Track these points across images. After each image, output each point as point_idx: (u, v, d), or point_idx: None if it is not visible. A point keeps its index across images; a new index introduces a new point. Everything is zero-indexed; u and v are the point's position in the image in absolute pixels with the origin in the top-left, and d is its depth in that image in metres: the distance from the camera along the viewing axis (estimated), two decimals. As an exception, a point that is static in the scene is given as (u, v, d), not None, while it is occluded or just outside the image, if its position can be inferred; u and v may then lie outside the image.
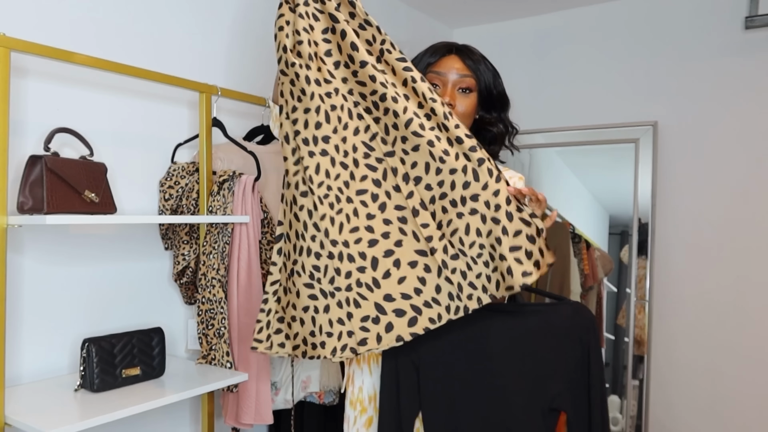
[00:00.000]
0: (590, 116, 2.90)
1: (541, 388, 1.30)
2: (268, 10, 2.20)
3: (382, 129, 1.31)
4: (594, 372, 1.32)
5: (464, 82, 1.42)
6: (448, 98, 1.40)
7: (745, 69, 2.55)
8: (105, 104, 1.69)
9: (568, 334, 1.32)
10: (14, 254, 1.48)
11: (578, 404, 1.31)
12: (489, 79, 1.46)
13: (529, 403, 1.30)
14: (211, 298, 1.71)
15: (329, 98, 1.30)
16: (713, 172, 2.61)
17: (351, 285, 1.27)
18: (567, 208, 2.95)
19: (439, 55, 1.44)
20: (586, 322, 1.34)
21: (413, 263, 1.27)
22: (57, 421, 1.24)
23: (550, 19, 3.03)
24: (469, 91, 1.43)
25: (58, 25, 1.58)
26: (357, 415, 1.46)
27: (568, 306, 1.38)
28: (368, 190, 1.29)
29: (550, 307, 1.38)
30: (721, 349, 2.57)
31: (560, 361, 1.32)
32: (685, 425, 2.65)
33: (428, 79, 1.42)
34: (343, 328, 1.27)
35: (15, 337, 1.49)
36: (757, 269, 2.50)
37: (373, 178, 1.29)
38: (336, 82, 1.32)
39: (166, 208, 1.78)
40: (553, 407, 1.30)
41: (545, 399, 1.30)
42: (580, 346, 1.32)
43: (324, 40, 1.33)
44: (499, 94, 1.49)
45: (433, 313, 1.26)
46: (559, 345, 1.32)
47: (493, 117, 1.50)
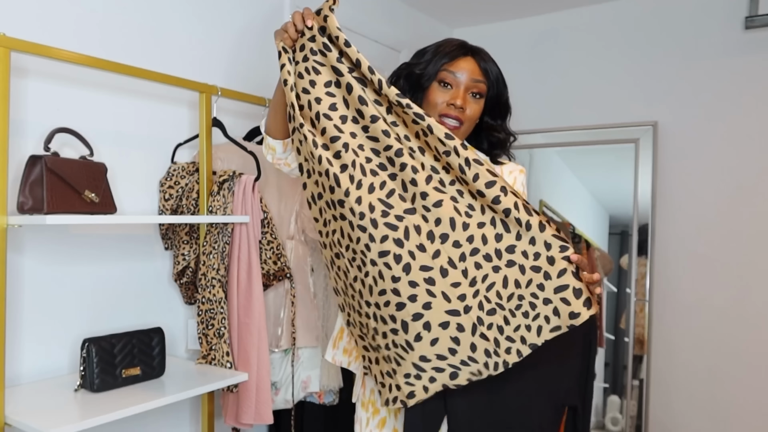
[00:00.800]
0: (590, 116, 2.90)
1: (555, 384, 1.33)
2: (268, 10, 2.20)
3: (400, 186, 1.24)
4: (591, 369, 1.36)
5: (477, 86, 1.42)
6: (461, 101, 1.39)
7: (745, 69, 2.55)
8: (105, 104, 1.69)
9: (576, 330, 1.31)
10: (14, 254, 1.49)
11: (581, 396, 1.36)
12: (499, 87, 1.45)
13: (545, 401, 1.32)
14: (211, 298, 1.71)
15: (338, 159, 1.24)
16: (713, 172, 2.61)
17: (389, 344, 1.25)
18: (567, 208, 2.95)
19: (455, 56, 1.42)
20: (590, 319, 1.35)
21: (445, 324, 1.22)
22: (57, 421, 1.25)
23: (550, 19, 3.03)
24: (480, 97, 1.43)
25: (58, 25, 1.58)
26: (370, 417, 1.46)
27: None
28: (390, 251, 1.20)
29: None
30: (721, 349, 2.57)
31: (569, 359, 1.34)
32: (685, 425, 2.65)
33: (441, 77, 1.41)
34: (392, 381, 1.28)
35: (15, 337, 1.49)
36: (757, 269, 2.50)
37: (394, 237, 1.21)
38: (345, 137, 1.25)
39: (166, 208, 1.78)
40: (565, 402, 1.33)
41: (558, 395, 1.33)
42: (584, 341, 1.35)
43: (327, 94, 1.28)
44: (505, 102, 1.49)
45: (473, 369, 1.24)
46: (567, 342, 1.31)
47: (498, 124, 1.49)
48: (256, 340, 1.71)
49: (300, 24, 1.30)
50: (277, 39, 1.33)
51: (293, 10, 2.27)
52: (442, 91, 1.41)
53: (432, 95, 1.42)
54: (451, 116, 1.40)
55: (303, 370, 1.92)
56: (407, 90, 1.46)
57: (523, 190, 1.47)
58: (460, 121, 1.40)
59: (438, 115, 1.41)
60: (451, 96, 1.40)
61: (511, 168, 1.49)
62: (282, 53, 1.31)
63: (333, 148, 1.25)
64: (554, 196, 2.98)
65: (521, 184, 1.47)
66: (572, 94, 2.96)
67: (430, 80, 1.42)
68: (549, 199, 2.98)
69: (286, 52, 1.31)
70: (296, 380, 1.90)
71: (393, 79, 1.50)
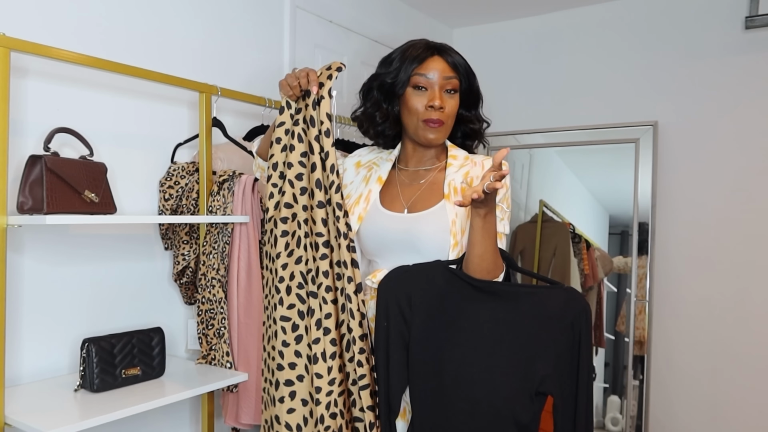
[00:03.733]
0: (590, 116, 2.90)
1: (529, 370, 1.30)
2: (268, 10, 2.20)
3: (316, 270, 1.37)
4: (583, 357, 1.31)
5: (450, 83, 1.44)
6: (439, 102, 1.41)
7: (745, 69, 2.55)
8: (105, 104, 1.69)
9: (560, 317, 1.32)
10: (14, 254, 1.48)
11: (565, 389, 1.31)
12: (469, 78, 1.49)
13: (517, 384, 1.29)
14: (211, 298, 1.71)
15: (284, 224, 1.39)
16: (713, 172, 2.61)
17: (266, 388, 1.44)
18: (567, 208, 2.95)
19: (422, 58, 1.44)
20: (579, 308, 1.33)
21: (304, 401, 1.36)
22: (57, 421, 1.24)
23: (550, 19, 3.03)
24: (454, 92, 1.46)
25: (58, 25, 1.58)
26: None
27: (562, 290, 1.37)
28: (291, 319, 1.37)
29: (544, 290, 1.37)
30: (721, 349, 2.57)
31: (550, 345, 1.31)
32: (685, 425, 2.65)
33: (414, 82, 1.44)
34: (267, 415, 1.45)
35: (15, 337, 1.49)
36: (757, 269, 2.50)
37: (299, 309, 1.37)
38: (296, 208, 1.39)
39: (166, 208, 1.77)
40: (541, 390, 1.30)
41: (533, 381, 1.29)
42: (571, 330, 1.31)
43: (299, 164, 1.40)
44: (476, 91, 1.52)
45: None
46: (551, 328, 1.31)
47: (472, 114, 1.53)
48: (256, 340, 1.71)
49: (305, 86, 1.39)
50: (282, 92, 1.42)
51: (293, 10, 2.28)
52: (418, 95, 1.44)
53: (409, 101, 1.44)
54: (433, 120, 1.43)
55: (303, 370, 1.92)
56: (382, 100, 1.49)
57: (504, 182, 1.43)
58: (441, 122, 1.44)
59: (420, 122, 1.44)
60: (428, 98, 1.42)
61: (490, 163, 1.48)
62: (285, 109, 1.42)
63: (284, 213, 1.39)
64: (554, 196, 2.97)
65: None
66: (572, 94, 2.96)
67: (404, 87, 1.44)
68: (549, 199, 2.98)
69: (289, 107, 1.42)
70: (296, 380, 1.90)
71: (364, 90, 1.54)
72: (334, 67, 1.40)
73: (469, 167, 1.48)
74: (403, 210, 1.47)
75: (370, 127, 1.54)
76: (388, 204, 1.49)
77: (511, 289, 1.35)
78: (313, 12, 2.39)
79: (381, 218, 1.46)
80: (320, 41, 2.44)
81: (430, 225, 1.41)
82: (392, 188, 1.52)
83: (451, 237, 1.39)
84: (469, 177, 1.45)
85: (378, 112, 1.50)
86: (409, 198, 1.49)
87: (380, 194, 1.51)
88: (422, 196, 1.48)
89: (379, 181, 1.52)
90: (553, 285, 1.39)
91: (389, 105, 1.49)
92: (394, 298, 1.35)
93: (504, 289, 1.35)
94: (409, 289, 1.36)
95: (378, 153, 1.60)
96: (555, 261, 2.91)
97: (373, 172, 1.55)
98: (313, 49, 2.42)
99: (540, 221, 2.98)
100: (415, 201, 1.47)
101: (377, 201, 1.49)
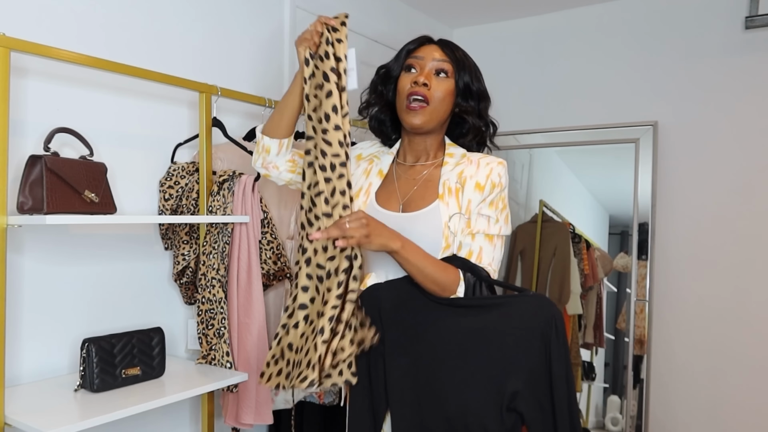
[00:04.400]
0: (590, 116, 2.90)
1: (500, 384, 1.25)
2: (268, 10, 2.20)
3: (329, 191, 1.35)
4: (556, 372, 1.23)
5: (441, 65, 1.44)
6: (424, 78, 1.41)
7: (745, 69, 2.55)
8: (105, 104, 1.69)
9: (529, 328, 1.26)
10: (14, 254, 1.48)
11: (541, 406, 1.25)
12: (467, 69, 1.47)
13: (487, 398, 1.25)
14: (211, 298, 1.71)
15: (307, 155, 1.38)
16: (713, 172, 2.61)
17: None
18: (567, 208, 2.95)
19: (419, 43, 1.49)
20: (548, 315, 1.26)
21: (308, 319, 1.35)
22: (57, 421, 1.24)
23: (550, 19, 3.03)
24: (445, 75, 1.44)
25: (58, 24, 1.58)
26: None
27: (530, 298, 1.32)
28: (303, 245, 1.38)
29: (511, 300, 1.33)
30: (721, 349, 2.57)
31: (520, 358, 1.25)
32: (685, 425, 2.65)
33: (407, 63, 1.47)
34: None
35: (15, 337, 1.49)
36: (757, 269, 2.50)
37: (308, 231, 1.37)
38: (317, 138, 1.37)
39: (166, 208, 1.77)
40: (511, 407, 1.24)
41: (503, 396, 1.24)
42: (541, 341, 1.25)
43: (314, 96, 1.38)
44: (479, 90, 1.49)
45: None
46: (520, 340, 1.26)
47: (471, 106, 1.48)
48: (256, 340, 1.71)
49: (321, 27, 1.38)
50: (302, 46, 1.40)
51: (293, 10, 2.28)
52: (409, 75, 1.46)
53: (401, 82, 1.47)
54: (416, 94, 1.42)
55: (303, 370, 1.92)
56: (379, 84, 1.53)
57: (498, 180, 1.43)
58: (425, 98, 1.42)
59: (405, 98, 1.44)
60: (415, 77, 1.44)
61: (489, 160, 1.46)
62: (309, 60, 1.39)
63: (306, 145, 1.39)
64: (554, 196, 2.97)
65: (497, 174, 1.43)
66: (572, 94, 2.96)
67: (398, 70, 1.48)
68: (549, 199, 2.98)
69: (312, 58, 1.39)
70: (296, 380, 1.90)
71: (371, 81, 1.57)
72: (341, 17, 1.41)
73: (464, 166, 1.45)
74: (398, 208, 1.46)
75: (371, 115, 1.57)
76: (384, 201, 1.48)
77: (475, 303, 1.33)
78: (313, 12, 2.39)
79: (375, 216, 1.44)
80: (320, 41, 2.44)
81: (422, 226, 1.40)
82: (390, 183, 1.51)
83: (443, 240, 1.38)
84: (462, 176, 1.43)
85: (374, 95, 1.53)
86: (405, 194, 1.48)
87: (378, 189, 1.50)
88: (417, 194, 1.46)
89: (379, 174, 1.51)
90: (520, 293, 1.36)
91: (384, 88, 1.52)
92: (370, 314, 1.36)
93: (468, 303, 1.32)
94: (381, 304, 1.36)
95: (379, 148, 1.60)
96: (555, 261, 2.91)
97: (374, 165, 1.54)
98: (313, 49, 2.42)
99: (540, 221, 2.97)
100: (411, 198, 1.46)
101: (373, 198, 1.48)
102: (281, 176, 1.54)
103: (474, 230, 1.39)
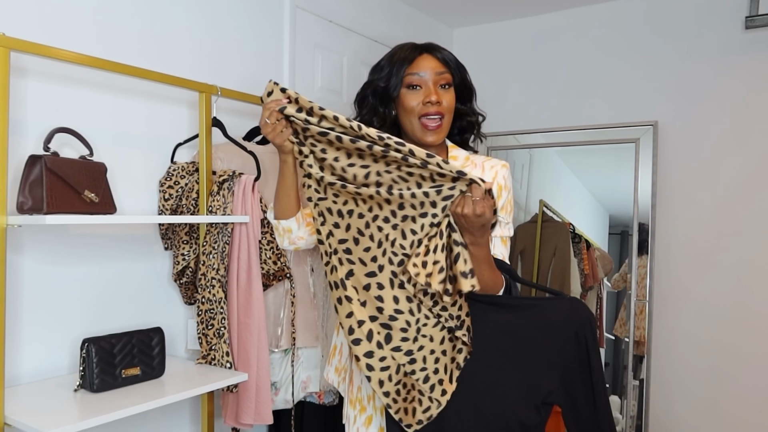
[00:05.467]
0: (590, 116, 2.90)
1: (535, 380, 1.30)
2: (268, 9, 2.20)
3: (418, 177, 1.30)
4: (594, 366, 1.30)
5: (443, 78, 1.46)
6: (435, 97, 1.42)
7: (745, 69, 2.55)
8: (105, 104, 1.69)
9: (564, 328, 1.31)
10: (14, 254, 1.48)
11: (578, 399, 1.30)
12: (461, 72, 1.50)
13: (523, 395, 1.29)
14: (211, 298, 1.71)
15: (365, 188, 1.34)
16: (713, 172, 2.61)
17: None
18: (567, 208, 2.95)
19: (412, 58, 1.46)
20: (584, 317, 1.32)
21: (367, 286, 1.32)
22: (57, 421, 1.24)
23: (550, 19, 3.03)
24: (449, 86, 1.47)
25: (58, 25, 1.58)
26: (357, 414, 1.46)
27: (565, 301, 1.36)
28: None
29: (546, 302, 1.37)
30: (721, 349, 2.57)
31: (555, 357, 1.31)
32: (685, 425, 2.65)
33: (407, 82, 1.44)
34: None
35: (15, 337, 1.49)
36: (757, 269, 2.50)
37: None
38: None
39: (166, 208, 1.77)
40: (547, 401, 1.30)
41: (539, 392, 1.30)
42: (576, 342, 1.30)
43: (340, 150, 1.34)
44: (469, 85, 1.53)
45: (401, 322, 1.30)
46: (555, 339, 1.31)
47: (467, 107, 1.54)
48: (256, 340, 1.71)
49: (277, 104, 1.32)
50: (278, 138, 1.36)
51: (293, 10, 2.28)
52: (413, 93, 1.44)
53: (405, 101, 1.45)
54: (431, 114, 1.43)
55: (303, 370, 1.92)
56: (377, 105, 1.49)
57: (504, 183, 1.47)
58: (440, 115, 1.44)
59: (418, 121, 1.44)
60: (423, 95, 1.43)
61: (493, 163, 1.50)
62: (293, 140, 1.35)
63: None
64: (554, 196, 2.98)
65: (503, 177, 1.48)
66: (572, 94, 2.96)
67: (398, 88, 1.45)
68: (549, 199, 2.98)
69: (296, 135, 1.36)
70: (296, 380, 1.90)
71: (359, 99, 1.54)
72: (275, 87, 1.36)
73: (470, 169, 1.48)
74: None
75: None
76: None
77: (513, 302, 1.36)
78: (313, 12, 2.39)
79: None
80: (320, 41, 2.44)
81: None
82: None
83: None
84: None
85: (375, 117, 1.50)
86: None
87: None
88: None
89: None
90: (556, 296, 1.39)
91: (385, 109, 1.49)
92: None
93: (506, 302, 1.36)
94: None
95: None
96: (555, 261, 2.91)
97: None
98: (313, 49, 2.42)
99: (540, 221, 2.97)
100: None
101: None
102: (309, 241, 1.53)
103: (493, 235, 1.43)
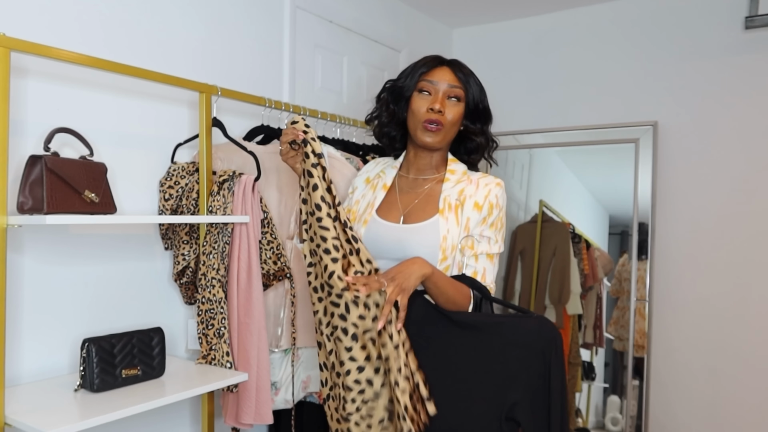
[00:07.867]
0: (590, 116, 2.90)
1: (500, 396, 1.34)
2: (268, 10, 2.20)
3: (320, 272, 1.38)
4: (554, 385, 1.34)
5: (454, 91, 1.52)
6: (439, 106, 1.49)
7: (745, 69, 2.55)
8: (105, 104, 1.69)
9: (530, 346, 1.36)
10: (14, 254, 1.48)
11: (536, 416, 1.35)
12: (477, 93, 1.55)
13: (487, 410, 1.34)
14: (211, 298, 1.71)
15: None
16: (713, 172, 2.61)
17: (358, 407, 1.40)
18: (567, 208, 2.95)
19: (431, 66, 1.54)
20: (550, 336, 1.37)
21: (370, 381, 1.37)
22: (57, 421, 1.24)
23: (550, 19, 3.03)
24: (457, 100, 1.53)
25: (58, 24, 1.58)
26: None
27: (533, 319, 1.42)
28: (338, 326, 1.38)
29: (515, 319, 1.43)
30: (721, 349, 2.57)
31: (521, 372, 1.35)
32: (685, 425, 2.65)
33: (420, 86, 1.53)
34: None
35: (15, 337, 1.49)
36: (757, 269, 2.50)
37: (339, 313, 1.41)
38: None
39: (166, 208, 1.77)
40: (509, 416, 1.34)
41: (503, 407, 1.34)
42: (542, 359, 1.35)
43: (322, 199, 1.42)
44: (485, 109, 1.58)
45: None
46: (521, 356, 1.36)
47: (477, 128, 1.58)
48: (256, 340, 1.71)
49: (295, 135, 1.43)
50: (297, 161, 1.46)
51: (293, 10, 2.28)
52: (422, 98, 1.53)
53: (414, 104, 1.54)
54: (432, 121, 1.50)
55: (303, 370, 1.92)
56: (390, 101, 1.60)
57: (496, 201, 1.51)
58: (440, 124, 1.50)
59: (420, 123, 1.52)
60: (430, 102, 1.51)
61: (488, 181, 1.55)
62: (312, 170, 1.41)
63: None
64: (554, 196, 2.98)
65: (495, 196, 1.52)
66: (572, 94, 2.96)
67: (411, 90, 1.55)
68: (549, 199, 2.98)
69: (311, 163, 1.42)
70: (296, 380, 1.90)
71: (378, 94, 1.65)
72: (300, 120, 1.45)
73: (465, 184, 1.53)
74: (398, 219, 1.53)
75: (377, 126, 1.65)
76: (385, 212, 1.56)
77: (483, 319, 1.41)
78: (313, 12, 2.39)
79: (376, 227, 1.54)
80: (320, 41, 2.44)
81: (421, 238, 1.47)
82: (392, 195, 1.60)
83: (440, 252, 1.45)
84: (462, 195, 1.51)
85: (385, 112, 1.61)
86: (406, 206, 1.55)
87: (381, 201, 1.58)
88: (419, 207, 1.54)
89: (384, 187, 1.60)
90: (524, 314, 1.46)
91: (396, 106, 1.59)
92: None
93: (477, 320, 1.41)
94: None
95: (384, 164, 1.69)
96: (555, 261, 2.91)
97: (380, 180, 1.64)
98: (313, 49, 2.42)
99: (540, 221, 2.98)
100: (411, 210, 1.54)
101: (374, 210, 1.56)
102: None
103: (477, 251, 1.48)
